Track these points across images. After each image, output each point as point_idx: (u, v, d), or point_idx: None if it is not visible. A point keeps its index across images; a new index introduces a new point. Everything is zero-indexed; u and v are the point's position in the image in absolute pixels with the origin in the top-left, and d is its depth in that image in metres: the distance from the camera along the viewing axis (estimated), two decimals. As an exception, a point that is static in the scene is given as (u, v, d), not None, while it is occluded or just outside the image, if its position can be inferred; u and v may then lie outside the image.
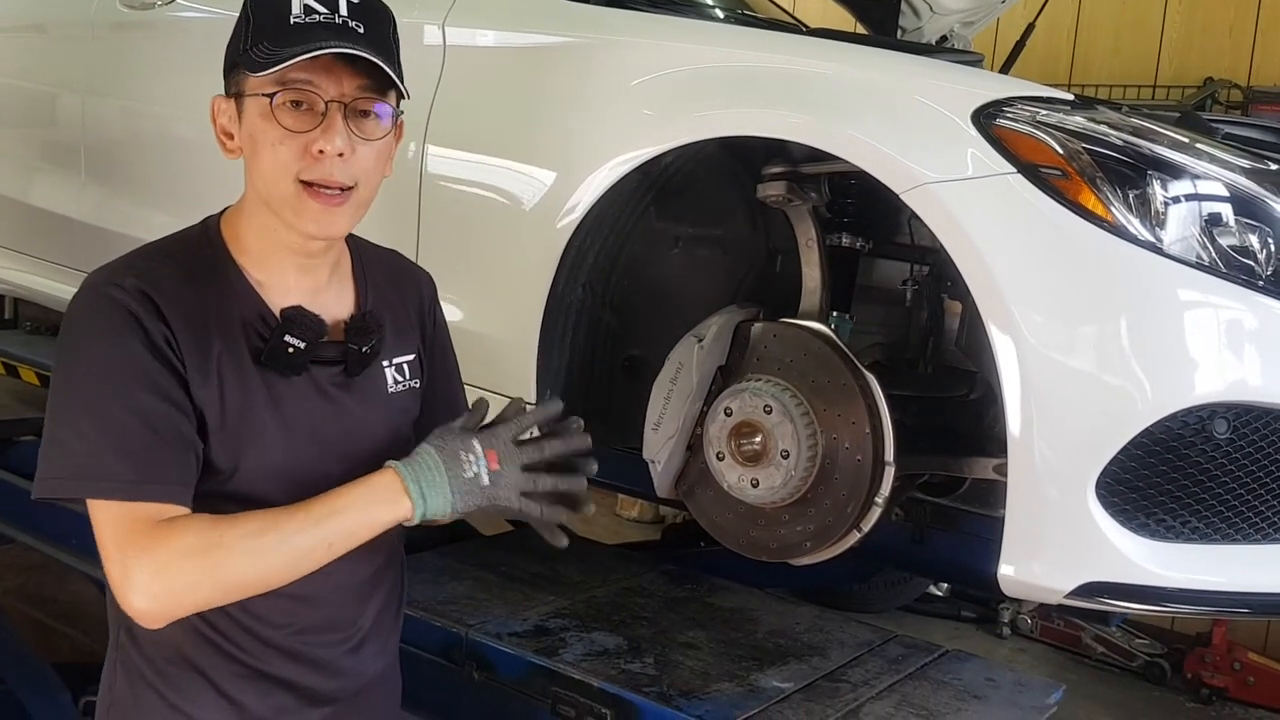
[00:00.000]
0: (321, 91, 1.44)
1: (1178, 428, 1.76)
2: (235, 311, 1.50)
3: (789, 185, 2.15)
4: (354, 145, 1.46)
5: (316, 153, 1.44)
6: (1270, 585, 1.85)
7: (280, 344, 1.49)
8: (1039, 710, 2.24)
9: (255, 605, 1.51)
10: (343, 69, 1.44)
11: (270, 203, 1.48)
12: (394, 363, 1.66)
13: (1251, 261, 1.81)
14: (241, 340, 1.49)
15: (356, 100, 1.46)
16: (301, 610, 1.56)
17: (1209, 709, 4.46)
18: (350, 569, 1.57)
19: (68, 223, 3.35)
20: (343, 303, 1.61)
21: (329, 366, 1.57)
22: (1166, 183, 1.81)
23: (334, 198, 1.47)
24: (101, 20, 3.29)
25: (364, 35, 1.44)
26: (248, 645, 1.54)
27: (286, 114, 1.44)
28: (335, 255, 1.60)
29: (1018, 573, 1.84)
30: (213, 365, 1.46)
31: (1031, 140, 1.83)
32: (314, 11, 1.43)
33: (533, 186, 2.28)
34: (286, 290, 1.54)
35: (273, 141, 1.44)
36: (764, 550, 2.15)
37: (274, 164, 1.45)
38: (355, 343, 1.57)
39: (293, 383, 1.52)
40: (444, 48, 2.46)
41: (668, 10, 2.54)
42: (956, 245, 1.83)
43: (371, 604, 1.66)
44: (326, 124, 1.44)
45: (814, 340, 2.08)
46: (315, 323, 1.52)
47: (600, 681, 2.16)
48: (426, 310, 1.76)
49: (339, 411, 1.57)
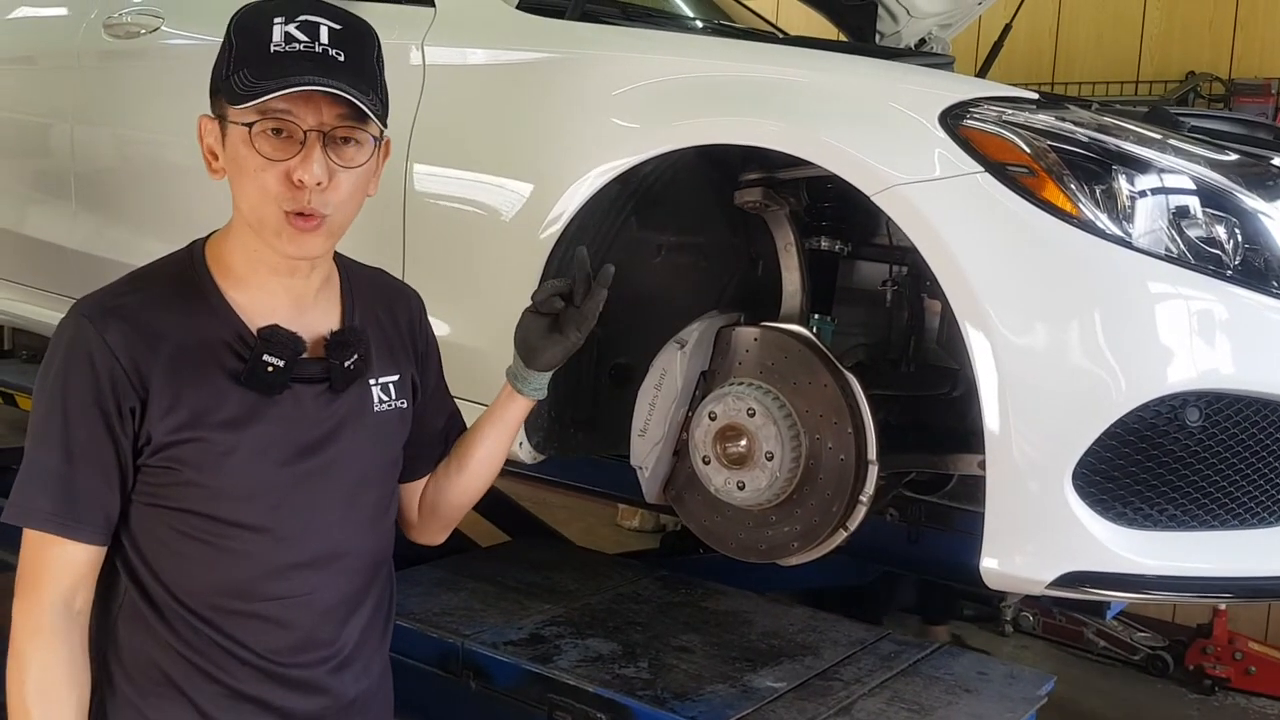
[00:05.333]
0: (300, 121, 1.45)
1: (1151, 417, 1.79)
2: (214, 333, 1.52)
3: (766, 191, 2.19)
4: (333, 173, 1.47)
5: (296, 182, 1.45)
6: (1249, 569, 1.88)
7: (259, 363, 1.50)
8: (1029, 701, 2.27)
9: (231, 627, 1.53)
10: (322, 99, 1.45)
11: (253, 224, 1.50)
12: (380, 381, 1.66)
13: (1219, 252, 1.84)
14: (221, 362, 1.51)
15: (336, 129, 1.47)
16: (277, 632, 1.56)
17: (1212, 699, 4.47)
18: (327, 590, 1.59)
19: (60, 251, 3.38)
20: (329, 320, 1.62)
21: (313, 385, 1.57)
22: (1133, 177, 1.84)
23: (309, 221, 1.48)
24: (88, 49, 3.32)
25: (344, 65, 1.46)
26: (227, 666, 1.54)
27: (266, 142, 1.45)
28: (323, 273, 1.62)
29: (1000, 565, 1.87)
30: (185, 389, 1.48)
31: (998, 139, 1.86)
32: (295, 40, 1.45)
33: (515, 199, 2.31)
34: (270, 310, 1.55)
35: (254, 169, 1.46)
36: (753, 552, 2.18)
37: (258, 191, 1.47)
38: (336, 357, 1.57)
39: (275, 402, 1.53)
40: (424, 67, 2.49)
41: (643, 23, 2.57)
42: (928, 245, 1.86)
43: (353, 623, 1.64)
44: (305, 153, 1.45)
45: (794, 343, 2.11)
46: (293, 340, 1.53)
47: (595, 687, 2.19)
48: (417, 329, 1.77)
49: (323, 431, 1.57)
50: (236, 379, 1.51)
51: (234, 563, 1.52)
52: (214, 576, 1.52)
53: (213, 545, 1.51)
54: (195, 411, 1.48)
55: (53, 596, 1.48)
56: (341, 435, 1.59)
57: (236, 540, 1.52)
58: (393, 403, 1.67)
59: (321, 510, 1.58)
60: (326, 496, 1.58)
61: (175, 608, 1.52)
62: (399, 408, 1.68)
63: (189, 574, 1.52)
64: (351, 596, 1.63)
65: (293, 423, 1.55)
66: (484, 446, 1.80)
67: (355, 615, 1.64)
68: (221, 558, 1.52)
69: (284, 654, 1.57)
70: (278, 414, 1.53)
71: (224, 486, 1.50)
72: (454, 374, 2.39)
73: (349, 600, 1.63)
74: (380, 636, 1.72)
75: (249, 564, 1.53)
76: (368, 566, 1.65)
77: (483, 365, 2.34)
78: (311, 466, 1.56)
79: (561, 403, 2.33)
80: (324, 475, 1.57)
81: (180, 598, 1.52)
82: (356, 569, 1.63)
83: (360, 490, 1.63)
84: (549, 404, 2.31)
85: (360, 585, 1.65)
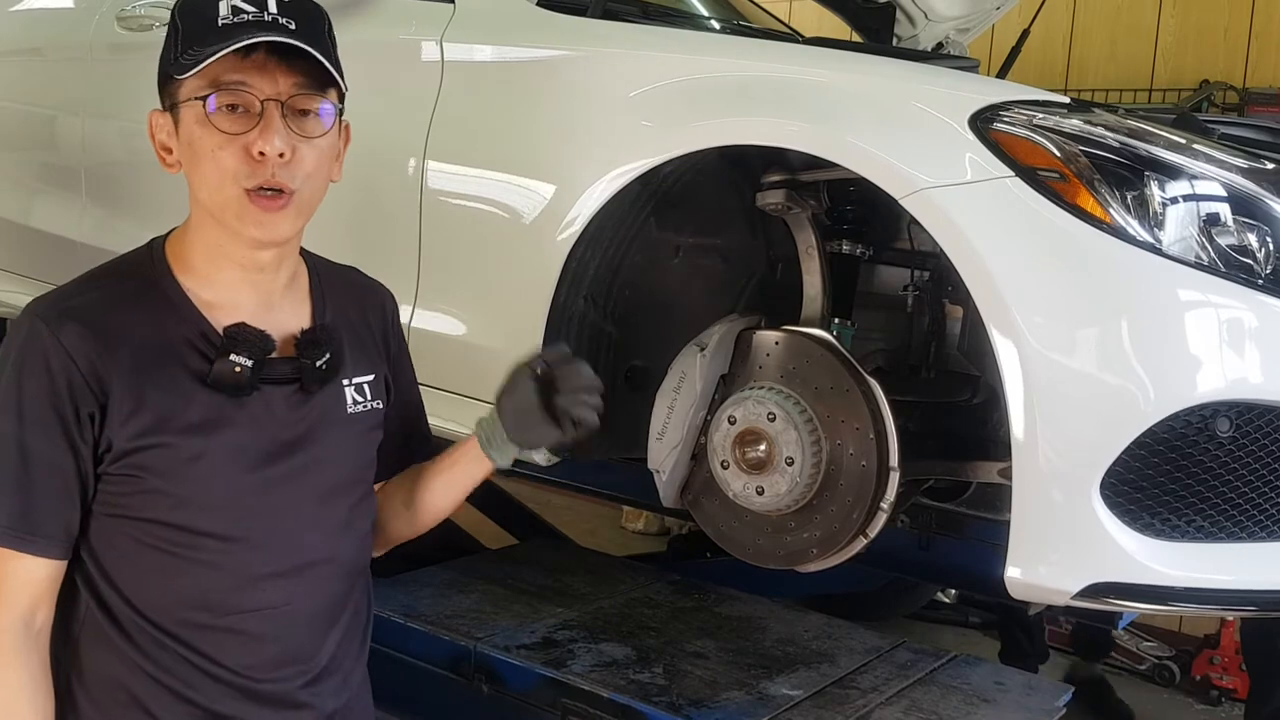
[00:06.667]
0: (256, 91, 1.39)
1: (1180, 427, 1.77)
2: (177, 333, 1.44)
3: (788, 193, 2.16)
4: (295, 145, 1.41)
5: (257, 155, 1.38)
6: (1276, 582, 1.85)
7: (225, 364, 1.43)
8: (1048, 713, 2.25)
9: (201, 643, 1.46)
10: (277, 66, 1.39)
11: (214, 211, 1.43)
12: (354, 382, 1.58)
13: (1250, 260, 1.82)
14: (185, 362, 1.44)
15: (294, 98, 1.41)
16: (251, 646, 1.48)
17: (1218, 710, 4.45)
18: (303, 600, 1.52)
19: (69, 244, 3.36)
20: (298, 319, 1.55)
21: (284, 386, 1.50)
22: (1164, 183, 1.82)
23: (275, 200, 1.41)
24: (99, 42, 3.30)
25: (296, 31, 1.39)
26: (198, 684, 1.46)
27: (222, 117, 1.39)
28: (289, 270, 1.54)
29: (1024, 575, 1.84)
30: (148, 392, 1.41)
31: (1029, 143, 1.84)
32: (242, 12, 1.38)
33: (533, 200, 2.29)
34: (235, 308, 1.48)
35: (212, 148, 1.39)
36: (771, 558, 2.15)
37: (216, 171, 1.40)
38: (307, 357, 1.50)
39: (244, 405, 1.45)
40: (442, 63, 2.47)
41: (663, 22, 2.55)
42: (956, 249, 1.84)
43: (331, 635, 1.56)
44: (264, 124, 1.39)
45: (816, 347, 2.09)
46: (261, 339, 1.45)
47: (610, 692, 2.17)
48: (390, 328, 1.70)
49: (295, 434, 1.50)
50: (202, 380, 1.43)
51: (203, 575, 1.45)
52: (182, 590, 1.45)
53: (180, 557, 1.44)
54: (159, 416, 1.41)
55: (11, 615, 1.41)
56: (315, 438, 1.52)
57: (205, 551, 1.44)
58: (368, 403, 1.60)
59: (295, 517, 1.50)
60: (300, 502, 1.51)
61: (141, 624, 1.45)
62: (374, 408, 1.61)
63: (155, 588, 1.45)
64: (329, 606, 1.56)
65: (263, 426, 1.47)
66: (433, 496, 1.70)
67: (334, 626, 1.57)
68: (190, 570, 1.44)
69: (259, 669, 1.49)
70: (246, 417, 1.46)
71: (191, 494, 1.43)
72: (467, 374, 2.39)
73: (326, 610, 1.56)
74: (359, 646, 1.64)
75: (219, 576, 1.46)
76: (345, 574, 1.58)
77: (497, 366, 2.33)
78: (283, 471, 1.49)
79: (578, 405, 2.31)
80: (297, 480, 1.50)
81: (146, 614, 1.44)
82: (334, 577, 1.56)
83: (335, 495, 1.55)
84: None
85: (338, 594, 1.57)
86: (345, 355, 1.56)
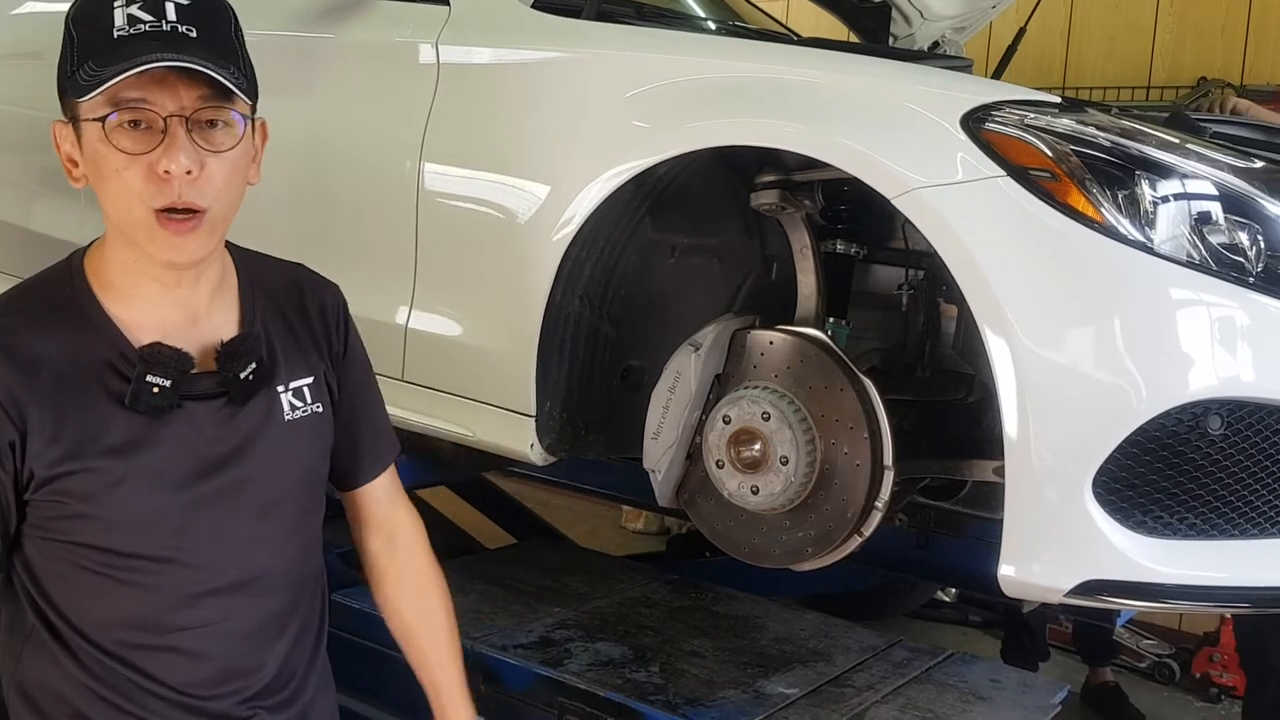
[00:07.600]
0: (158, 107, 1.32)
1: (1172, 425, 1.77)
2: (95, 354, 1.40)
3: (782, 193, 2.17)
4: (203, 161, 1.35)
5: (163, 174, 1.32)
6: (1269, 579, 1.86)
7: (143, 385, 1.38)
8: (1043, 710, 2.26)
9: (142, 661, 1.44)
10: (178, 80, 1.32)
11: (125, 231, 1.38)
12: (290, 387, 1.52)
13: (1241, 259, 1.82)
14: (104, 384, 1.39)
15: (199, 111, 1.34)
16: (192, 664, 1.46)
17: (1218, 707, 4.45)
18: (244, 616, 1.49)
19: (69, 247, 3.35)
20: (228, 327, 1.49)
21: (211, 400, 1.45)
22: (1155, 182, 1.82)
23: (185, 222, 1.35)
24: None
25: (198, 40, 1.33)
26: (141, 700, 1.44)
27: (124, 136, 1.33)
28: (212, 280, 1.48)
29: (1018, 573, 1.84)
30: (67, 417, 1.37)
31: (1020, 143, 1.84)
32: (139, 22, 1.32)
33: (528, 201, 2.30)
34: (158, 324, 1.42)
35: (115, 168, 1.33)
36: (767, 557, 2.16)
37: (122, 192, 1.34)
38: (229, 369, 1.44)
39: (167, 424, 1.41)
40: (437, 65, 2.47)
41: (658, 23, 2.56)
42: (949, 249, 1.84)
43: (277, 648, 1.53)
44: (168, 141, 1.33)
45: (810, 346, 2.09)
46: (177, 357, 1.40)
47: (606, 691, 2.18)
48: (334, 327, 1.62)
49: (227, 448, 1.46)
50: (121, 402, 1.38)
51: (139, 595, 1.43)
52: (119, 610, 1.43)
53: (114, 579, 1.42)
54: (78, 440, 1.37)
55: None
56: (249, 451, 1.47)
57: (139, 573, 1.42)
58: (307, 408, 1.54)
59: (231, 532, 1.47)
60: (235, 517, 1.47)
61: (81, 643, 1.43)
62: (315, 412, 1.55)
63: (93, 609, 1.43)
64: (272, 620, 1.53)
65: (189, 443, 1.43)
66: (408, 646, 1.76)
67: (279, 640, 1.54)
68: (124, 591, 1.42)
69: (201, 687, 1.47)
70: (170, 435, 1.41)
71: (118, 517, 1.40)
72: (465, 375, 2.40)
73: (269, 624, 1.53)
74: (309, 658, 1.60)
75: (156, 596, 1.43)
76: (289, 585, 1.55)
77: (493, 366, 2.34)
78: (214, 488, 1.45)
79: (573, 405, 2.32)
80: (230, 496, 1.46)
81: (86, 633, 1.43)
82: (275, 590, 1.52)
83: (274, 506, 1.51)
84: (561, 406, 2.30)
85: (281, 607, 1.54)
86: (279, 360, 1.51)
